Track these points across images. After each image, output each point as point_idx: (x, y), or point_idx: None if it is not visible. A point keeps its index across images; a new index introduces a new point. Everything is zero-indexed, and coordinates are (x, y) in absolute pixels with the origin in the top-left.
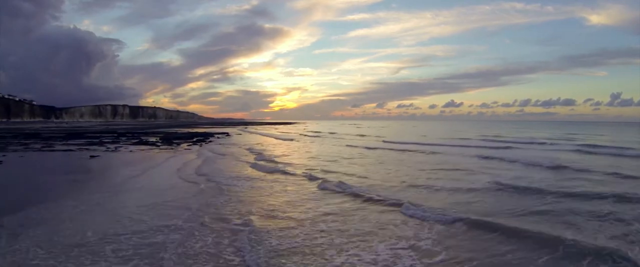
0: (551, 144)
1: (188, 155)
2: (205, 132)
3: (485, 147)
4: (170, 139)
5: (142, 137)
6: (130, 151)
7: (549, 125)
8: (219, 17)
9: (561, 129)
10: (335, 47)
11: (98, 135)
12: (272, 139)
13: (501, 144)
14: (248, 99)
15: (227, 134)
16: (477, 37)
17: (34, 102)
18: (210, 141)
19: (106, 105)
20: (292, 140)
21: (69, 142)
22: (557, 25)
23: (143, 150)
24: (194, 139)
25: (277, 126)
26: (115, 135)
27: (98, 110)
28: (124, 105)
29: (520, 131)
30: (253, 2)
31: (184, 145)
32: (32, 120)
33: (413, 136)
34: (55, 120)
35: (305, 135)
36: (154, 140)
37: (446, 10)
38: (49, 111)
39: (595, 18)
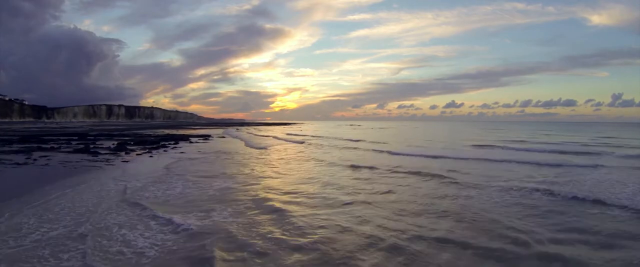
0: (626, 157)
1: (85, 182)
2: (183, 135)
3: (529, 162)
4: (127, 145)
5: (98, 142)
6: (44, 165)
7: (561, 126)
8: (220, 17)
9: (582, 131)
10: (336, 47)
11: (56, 138)
12: (243, 145)
13: (547, 156)
14: (249, 99)
15: (206, 138)
16: (478, 37)
17: (25, 102)
18: (174, 148)
19: (101, 105)
20: (264, 149)
21: (6, 148)
22: (558, 26)
23: (63, 162)
24: (160, 144)
25: (271, 128)
26: (75, 138)
27: (92, 111)
28: (119, 105)
29: (540, 134)
30: (254, 2)
31: (134, 154)
32: (21, 120)
33: (417, 142)
34: (46, 120)
35: (288, 140)
36: (108, 145)
37: (447, 10)
38: (40, 111)
39: (597, 18)
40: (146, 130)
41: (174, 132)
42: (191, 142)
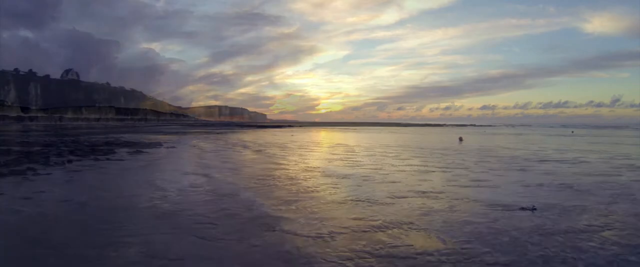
0: None
1: None
2: (128, 142)
3: None
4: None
5: None
6: None
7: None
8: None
9: None
10: (367, 58)
11: None
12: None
13: None
14: (294, 102)
15: (139, 151)
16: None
17: (7, 102)
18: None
19: (90, 106)
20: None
21: None
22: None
23: None
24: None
25: (272, 132)
26: None
27: (80, 112)
28: (110, 107)
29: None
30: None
31: None
32: (1, 121)
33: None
34: (29, 122)
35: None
36: None
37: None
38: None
39: (598, 21)
40: (98, 136)
41: (134, 138)
42: (100, 159)
